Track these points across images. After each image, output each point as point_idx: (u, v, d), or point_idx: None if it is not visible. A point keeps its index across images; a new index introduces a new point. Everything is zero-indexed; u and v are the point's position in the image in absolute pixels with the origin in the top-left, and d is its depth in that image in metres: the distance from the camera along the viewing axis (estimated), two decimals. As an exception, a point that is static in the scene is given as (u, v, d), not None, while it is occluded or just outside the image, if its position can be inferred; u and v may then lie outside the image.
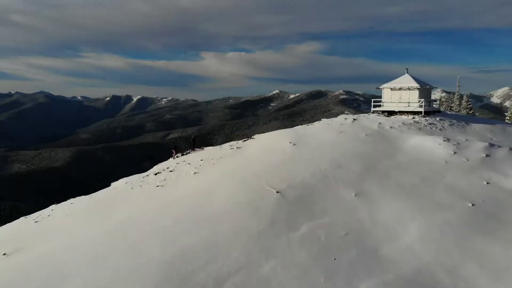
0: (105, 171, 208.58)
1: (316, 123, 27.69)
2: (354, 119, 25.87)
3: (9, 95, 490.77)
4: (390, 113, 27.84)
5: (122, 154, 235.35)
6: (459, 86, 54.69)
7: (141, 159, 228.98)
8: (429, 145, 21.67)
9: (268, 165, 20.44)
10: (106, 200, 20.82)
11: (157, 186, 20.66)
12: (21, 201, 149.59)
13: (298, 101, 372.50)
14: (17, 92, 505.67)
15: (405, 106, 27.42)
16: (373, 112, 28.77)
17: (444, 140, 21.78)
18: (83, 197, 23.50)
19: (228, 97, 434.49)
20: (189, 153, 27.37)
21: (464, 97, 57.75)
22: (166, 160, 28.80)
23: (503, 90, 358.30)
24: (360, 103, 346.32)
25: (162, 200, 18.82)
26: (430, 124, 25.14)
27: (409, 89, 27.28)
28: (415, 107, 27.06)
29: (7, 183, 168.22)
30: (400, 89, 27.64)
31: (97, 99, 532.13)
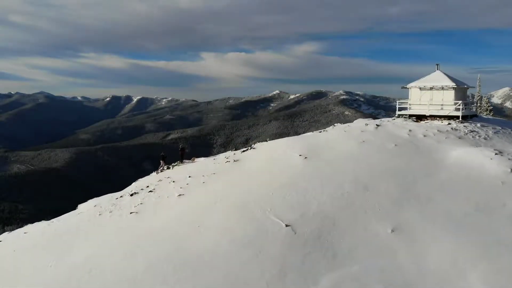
0: (105, 172, 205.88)
1: (330, 129, 23.07)
2: (378, 125, 21.25)
3: (9, 95, 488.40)
4: (419, 117, 23.23)
5: (122, 154, 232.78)
6: (479, 86, 50.03)
7: (141, 160, 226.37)
8: (477, 159, 17.10)
9: (274, 186, 15.92)
10: (66, 230, 16.34)
11: (131, 212, 16.16)
12: (21, 202, 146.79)
13: (298, 102, 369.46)
14: (17, 93, 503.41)
15: (438, 109, 22.80)
16: (399, 116, 24.11)
17: (496, 154, 17.21)
18: (41, 224, 19.03)
19: (228, 98, 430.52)
20: (176, 165, 22.82)
21: (484, 98, 53.17)
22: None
23: (504, 90, 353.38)
24: (360, 104, 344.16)
25: (134, 234, 14.32)
26: (472, 131, 20.53)
27: (442, 88, 22.68)
28: (450, 110, 22.42)
29: (7, 183, 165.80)
30: (431, 88, 23.03)
31: (97, 100, 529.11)
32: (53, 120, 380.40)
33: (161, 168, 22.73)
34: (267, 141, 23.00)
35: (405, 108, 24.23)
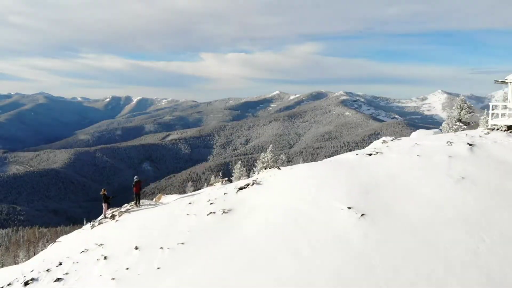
0: (104, 173, 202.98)
1: (384, 148, 14.04)
2: (471, 145, 12.35)
3: (8, 96, 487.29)
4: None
5: (121, 155, 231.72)
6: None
7: (140, 161, 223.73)
8: None
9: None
10: None
11: None
12: (19, 204, 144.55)
13: (298, 102, 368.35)
14: (16, 93, 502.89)
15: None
16: (492, 127, 15.19)
17: None
18: None
19: (228, 98, 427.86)
20: (127, 211, 13.95)
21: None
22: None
23: (504, 91, 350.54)
24: (360, 104, 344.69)
25: None
26: None
27: None
28: None
29: (5, 184, 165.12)
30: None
31: (97, 100, 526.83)
32: (52, 120, 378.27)
33: (106, 213, 13.94)
34: (279, 168, 14.03)
35: (497, 115, 15.38)
